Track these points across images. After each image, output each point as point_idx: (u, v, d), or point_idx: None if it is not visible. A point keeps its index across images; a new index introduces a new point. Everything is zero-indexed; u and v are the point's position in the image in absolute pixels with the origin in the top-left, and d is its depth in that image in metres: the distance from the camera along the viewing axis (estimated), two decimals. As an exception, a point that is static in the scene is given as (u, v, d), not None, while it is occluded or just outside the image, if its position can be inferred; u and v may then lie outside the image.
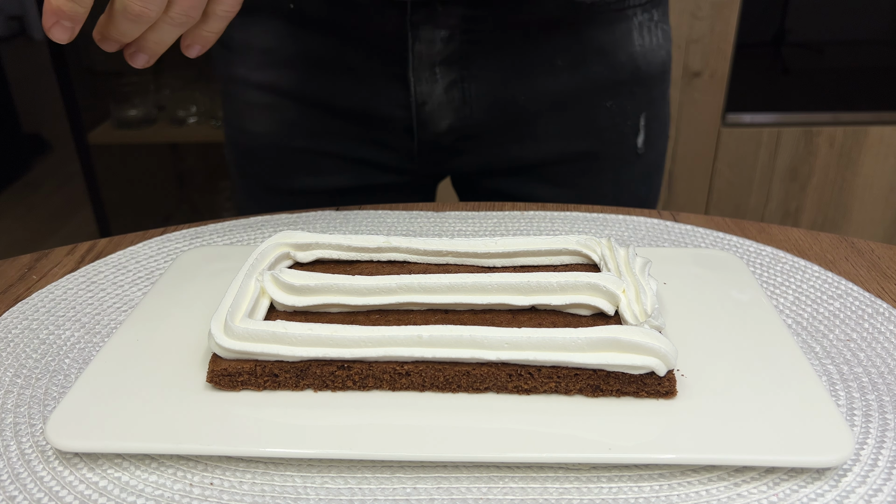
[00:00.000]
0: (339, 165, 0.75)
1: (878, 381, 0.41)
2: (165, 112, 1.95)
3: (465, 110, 0.69)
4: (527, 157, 0.73)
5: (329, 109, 0.72)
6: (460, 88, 0.68)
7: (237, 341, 0.39)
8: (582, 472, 0.35)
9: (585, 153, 0.73)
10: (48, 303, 0.50)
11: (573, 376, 0.38)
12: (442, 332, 0.38)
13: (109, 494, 0.34)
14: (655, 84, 0.73)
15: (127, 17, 0.42)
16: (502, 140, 0.72)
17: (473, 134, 0.71)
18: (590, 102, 0.71)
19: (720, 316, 0.45)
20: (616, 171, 0.75)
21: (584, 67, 0.69)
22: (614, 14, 0.68)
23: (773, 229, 0.60)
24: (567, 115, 0.71)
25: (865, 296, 0.49)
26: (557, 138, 0.72)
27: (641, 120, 0.73)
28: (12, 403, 0.40)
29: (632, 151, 0.74)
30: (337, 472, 0.36)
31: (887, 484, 0.34)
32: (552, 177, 0.74)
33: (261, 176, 0.78)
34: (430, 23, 0.65)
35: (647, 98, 0.73)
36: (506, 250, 0.47)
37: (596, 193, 0.75)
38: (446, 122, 0.70)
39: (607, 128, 0.72)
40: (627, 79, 0.71)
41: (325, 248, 0.48)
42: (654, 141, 0.76)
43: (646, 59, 0.71)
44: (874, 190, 1.76)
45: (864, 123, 1.70)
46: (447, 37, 0.66)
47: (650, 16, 0.71)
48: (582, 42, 0.68)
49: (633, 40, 0.69)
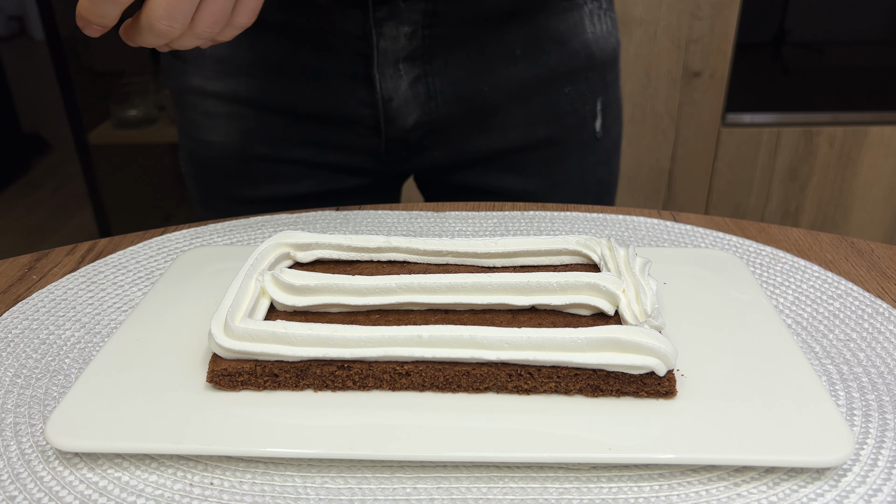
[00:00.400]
0: (303, 171, 0.75)
1: (878, 381, 0.41)
2: (165, 112, 1.95)
3: (430, 105, 0.70)
4: (492, 147, 0.74)
5: (291, 115, 0.72)
6: (425, 83, 0.69)
7: (237, 341, 0.39)
8: (582, 472, 0.35)
9: (548, 139, 0.75)
10: (48, 303, 0.50)
11: (573, 376, 0.38)
12: (442, 332, 0.38)
13: (109, 494, 0.34)
14: (608, 69, 0.76)
15: (153, 34, 0.43)
16: (468, 132, 0.73)
17: (440, 128, 0.72)
18: (550, 89, 0.73)
19: (720, 316, 0.45)
20: (578, 155, 0.77)
21: (543, 56, 0.71)
22: (566, 3, 0.71)
23: (773, 229, 0.60)
24: (529, 103, 0.72)
25: (865, 296, 0.49)
26: (521, 127, 0.73)
27: (598, 105, 0.76)
28: (12, 403, 0.40)
29: (591, 136, 0.77)
30: (337, 472, 0.36)
31: (887, 484, 0.34)
32: (517, 165, 0.76)
33: (221, 186, 0.77)
34: (393, 19, 0.66)
35: (601, 83, 0.76)
36: (506, 250, 0.47)
37: (560, 179, 0.77)
38: (413, 118, 0.71)
39: (568, 113, 0.74)
40: (582, 65, 0.73)
41: (325, 248, 0.48)
42: (610, 125, 0.78)
43: (598, 45, 0.74)
44: (874, 190, 1.76)
45: (864, 123, 1.70)
46: (410, 33, 0.66)
47: (599, 4, 0.74)
48: (538, 31, 0.70)
49: (585, 28, 0.72)
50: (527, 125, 0.73)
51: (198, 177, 0.79)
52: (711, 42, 1.61)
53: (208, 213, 0.80)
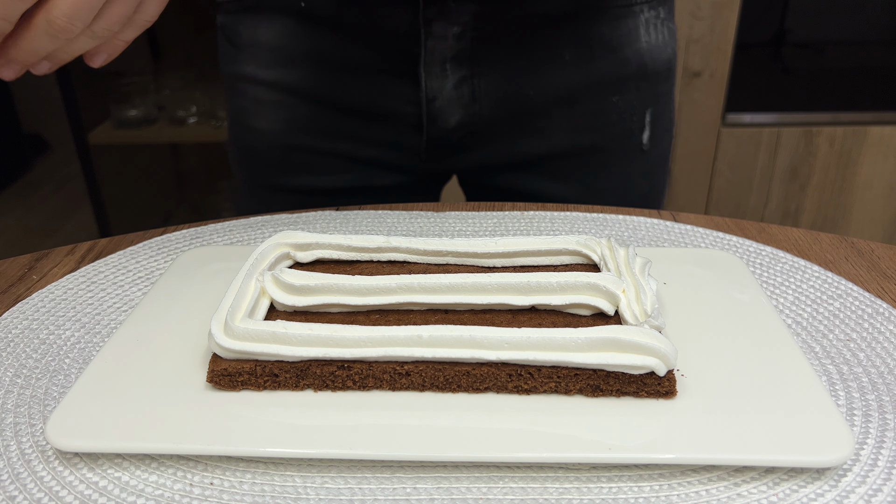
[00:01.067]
0: (344, 165, 0.75)
1: (878, 381, 0.41)
2: (165, 112, 1.95)
3: (474, 107, 0.70)
4: (533, 151, 0.73)
5: (337, 107, 0.72)
6: (470, 84, 0.69)
7: (237, 341, 0.39)
8: (582, 472, 0.35)
9: (591, 147, 0.73)
10: (48, 303, 0.50)
11: (573, 376, 0.38)
12: (442, 332, 0.38)
13: (109, 494, 0.34)
14: (661, 81, 0.74)
15: (48, 33, 0.41)
16: (510, 135, 0.72)
17: (481, 130, 0.72)
18: (597, 97, 0.71)
19: (720, 316, 0.45)
20: (621, 166, 0.76)
21: (592, 62, 0.69)
22: (621, 10, 0.69)
23: (773, 229, 0.60)
24: (575, 109, 0.71)
25: (865, 296, 0.49)
26: (565, 133, 0.72)
27: (647, 116, 0.74)
28: (12, 403, 0.40)
29: (637, 147, 0.75)
30: (337, 472, 0.36)
31: (887, 484, 0.34)
32: (558, 171, 0.75)
33: (264, 174, 0.78)
34: (442, 19, 0.65)
35: (652, 94, 0.74)
36: (506, 250, 0.47)
37: (601, 188, 0.75)
38: (455, 118, 0.70)
39: (613, 122, 0.73)
40: (633, 74, 0.71)
41: (325, 248, 0.48)
42: (658, 138, 0.76)
43: (651, 55, 0.72)
44: (874, 190, 1.76)
45: (864, 123, 1.70)
46: (459, 33, 0.66)
47: (657, 13, 0.72)
48: (590, 37, 0.69)
49: (639, 36, 0.70)
50: (571, 131, 0.72)
51: (242, 163, 0.80)
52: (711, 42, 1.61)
53: (249, 200, 0.80)
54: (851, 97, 1.76)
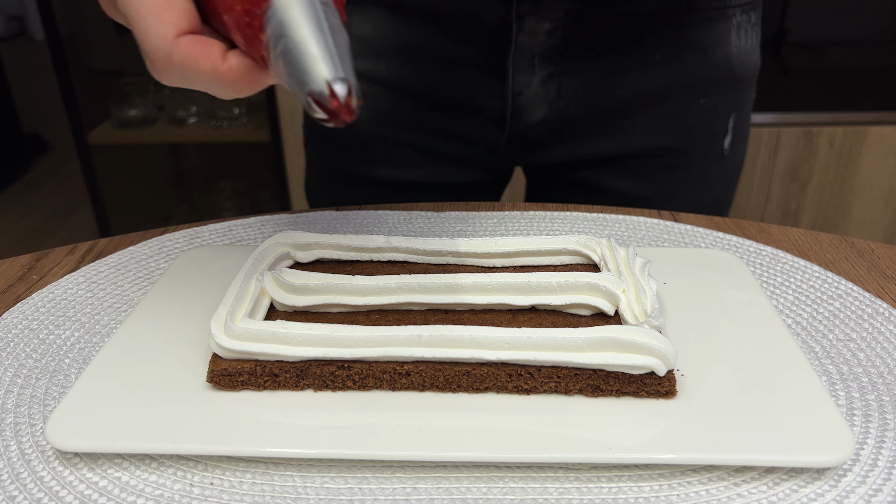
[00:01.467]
0: (421, 159, 0.75)
1: (878, 381, 0.41)
2: (165, 112, 1.95)
3: (559, 103, 0.69)
4: (614, 150, 0.73)
5: (421, 99, 0.72)
6: (557, 81, 0.68)
7: (237, 341, 0.39)
8: (582, 472, 0.35)
9: (673, 149, 0.73)
10: (48, 303, 0.50)
11: (573, 376, 0.38)
12: (442, 332, 0.38)
13: (109, 494, 0.34)
14: (745, 86, 0.74)
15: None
16: (592, 133, 0.72)
17: (564, 127, 0.71)
18: (683, 99, 0.71)
19: (720, 316, 0.45)
20: (701, 169, 0.75)
21: (682, 64, 0.69)
22: (714, 12, 0.68)
23: (773, 229, 0.60)
24: (659, 110, 0.71)
25: (865, 296, 0.49)
26: (647, 133, 0.72)
27: (730, 121, 0.74)
28: (12, 403, 0.40)
29: (718, 152, 0.74)
30: (337, 472, 0.36)
31: (887, 484, 0.34)
32: (635, 170, 0.74)
33: (338, 162, 0.78)
34: (535, 15, 0.65)
35: (737, 99, 0.73)
36: (506, 250, 0.47)
37: (677, 191, 0.75)
38: (539, 115, 0.70)
39: (697, 125, 0.72)
40: (721, 78, 0.71)
41: (325, 248, 0.48)
42: (738, 144, 0.76)
43: (740, 59, 0.71)
44: (874, 190, 1.76)
45: (864, 123, 1.70)
46: (550, 30, 0.66)
47: (748, 17, 0.71)
48: (681, 38, 0.68)
49: (730, 40, 0.70)
50: (653, 132, 0.72)
51: (317, 149, 0.79)
52: (711, 42, 1.61)
53: (318, 186, 0.81)
54: (851, 97, 1.76)
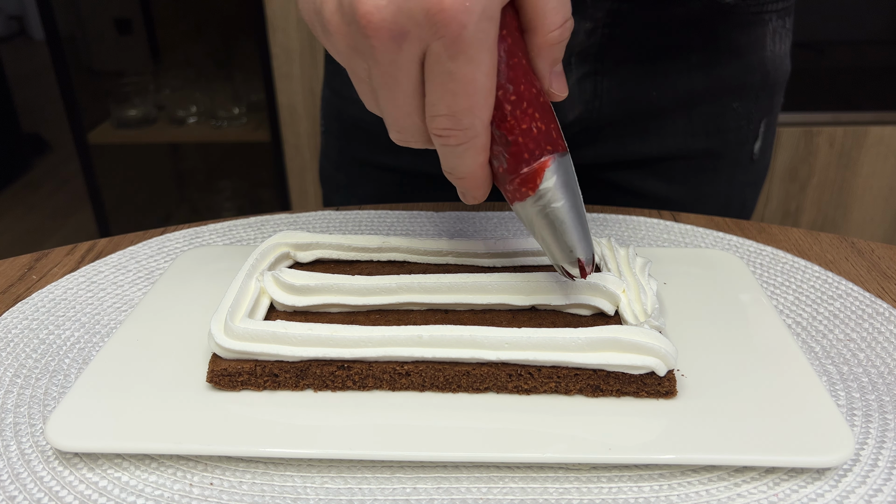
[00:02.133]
0: None
1: (879, 381, 0.41)
2: (165, 112, 1.95)
3: (594, 103, 0.69)
4: (646, 151, 0.73)
5: None
6: (593, 81, 0.68)
7: (237, 341, 0.39)
8: (582, 472, 0.35)
9: (705, 151, 0.73)
10: (48, 303, 0.50)
11: (573, 376, 0.38)
12: (442, 332, 0.38)
13: (109, 494, 0.34)
14: (777, 91, 0.74)
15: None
16: (626, 134, 0.72)
17: (598, 127, 0.71)
18: (718, 102, 0.71)
19: (720, 316, 0.45)
20: (730, 173, 0.75)
21: (718, 66, 0.69)
22: (752, 17, 0.68)
23: (773, 229, 0.60)
24: (694, 112, 0.71)
25: (866, 296, 0.49)
26: (680, 135, 0.72)
27: (762, 126, 0.74)
28: (12, 403, 0.40)
29: (748, 156, 0.75)
30: (337, 472, 0.36)
31: (887, 484, 0.34)
32: (666, 172, 0.74)
33: (362, 150, 0.77)
34: (576, 14, 0.64)
35: (768, 104, 0.74)
36: (506, 250, 0.47)
37: (706, 194, 0.75)
38: (574, 114, 0.70)
39: (730, 129, 0.72)
40: (756, 83, 0.71)
41: (325, 248, 0.48)
42: (766, 149, 0.76)
43: (774, 64, 0.72)
44: (874, 190, 1.76)
45: (864, 123, 1.70)
46: (590, 29, 0.65)
47: (783, 23, 0.71)
48: (718, 41, 0.68)
49: (765, 45, 0.70)
50: (687, 134, 0.72)
51: (340, 136, 0.79)
52: (711, 42, 1.61)
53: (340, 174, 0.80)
54: (851, 97, 1.76)
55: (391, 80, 0.33)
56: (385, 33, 0.31)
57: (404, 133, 0.36)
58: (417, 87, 0.34)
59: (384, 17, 0.31)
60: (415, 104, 0.34)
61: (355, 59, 0.34)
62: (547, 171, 0.35)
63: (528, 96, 0.34)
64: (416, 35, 0.31)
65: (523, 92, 0.34)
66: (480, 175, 0.36)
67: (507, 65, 0.33)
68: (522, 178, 0.35)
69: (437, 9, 0.30)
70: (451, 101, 0.33)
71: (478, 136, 0.34)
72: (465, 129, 0.34)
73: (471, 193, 0.37)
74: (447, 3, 0.30)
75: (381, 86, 0.34)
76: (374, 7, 0.31)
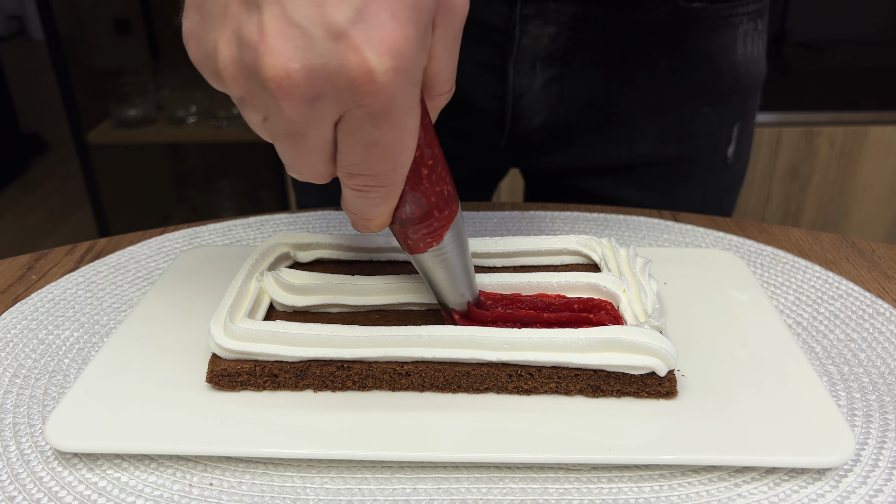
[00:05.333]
0: None
1: (879, 381, 0.41)
2: (165, 112, 1.95)
3: (560, 108, 0.69)
4: (616, 158, 0.72)
5: None
6: (559, 85, 0.68)
7: (237, 341, 0.39)
8: (582, 472, 0.35)
9: (676, 157, 0.73)
10: (47, 303, 0.50)
11: (573, 377, 0.38)
12: (442, 332, 0.38)
13: (109, 495, 0.34)
14: (751, 94, 0.74)
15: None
16: (594, 140, 0.71)
17: (565, 132, 0.71)
18: (688, 107, 0.70)
19: (720, 316, 0.45)
20: (704, 178, 0.75)
21: (687, 72, 0.68)
22: (721, 21, 0.68)
23: (774, 229, 0.60)
24: (663, 118, 0.70)
25: (866, 296, 0.49)
26: (650, 141, 0.71)
27: (735, 130, 0.73)
28: (11, 403, 0.40)
29: (722, 160, 0.74)
30: (337, 472, 0.36)
31: (888, 484, 0.34)
32: (639, 179, 0.74)
33: None
34: (540, 18, 0.65)
35: (741, 108, 0.73)
36: (506, 250, 0.47)
37: (680, 200, 0.74)
38: (540, 118, 0.70)
39: (702, 134, 0.72)
40: (727, 87, 0.71)
41: (325, 248, 0.48)
42: (742, 152, 0.76)
43: (746, 68, 0.71)
44: (874, 190, 1.76)
45: (865, 123, 1.70)
46: (554, 34, 0.65)
47: (755, 25, 0.70)
48: (686, 46, 0.68)
49: (736, 49, 0.69)
50: (657, 140, 0.71)
51: None
52: (711, 42, 1.60)
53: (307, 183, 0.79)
54: (851, 97, 1.75)
55: (297, 135, 0.30)
56: (297, 98, 0.28)
57: (304, 177, 0.33)
58: (328, 144, 0.31)
59: (296, 83, 0.28)
60: (322, 157, 0.32)
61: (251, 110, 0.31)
62: (450, 227, 0.36)
63: (440, 158, 0.35)
64: (334, 99, 0.29)
65: (437, 155, 0.34)
66: (388, 217, 0.35)
67: (423, 125, 0.33)
68: (427, 232, 0.36)
69: (366, 80, 0.27)
70: (374, 164, 0.31)
71: (396, 189, 0.33)
72: (387, 186, 0.33)
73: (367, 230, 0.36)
74: (379, 76, 0.27)
75: (283, 138, 0.31)
76: (283, 71, 0.27)
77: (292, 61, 0.27)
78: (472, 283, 0.40)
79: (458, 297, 0.40)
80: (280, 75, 0.27)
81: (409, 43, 0.28)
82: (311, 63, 0.27)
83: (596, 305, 0.41)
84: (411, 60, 0.28)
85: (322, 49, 0.27)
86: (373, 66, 0.27)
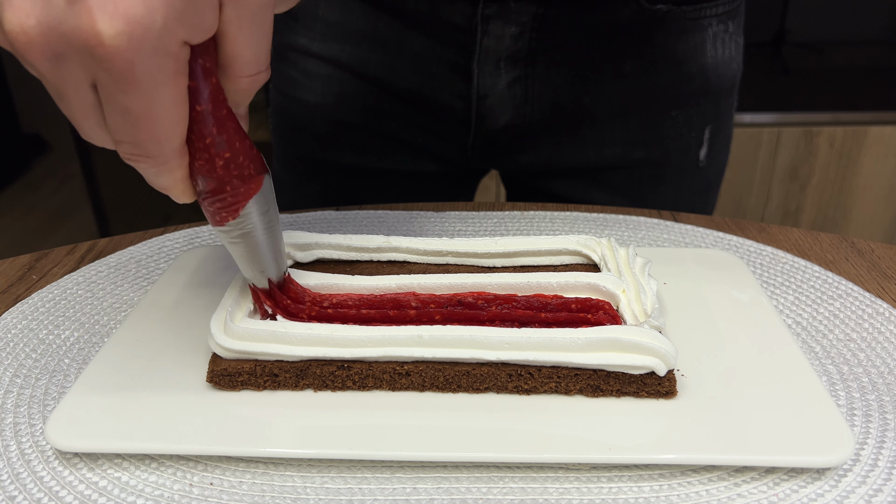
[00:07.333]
0: (388, 146, 0.74)
1: (879, 381, 0.41)
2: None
3: (525, 108, 0.69)
4: (584, 160, 0.72)
5: (387, 89, 0.71)
6: (523, 85, 0.68)
7: (237, 341, 0.39)
8: (582, 472, 0.35)
9: (645, 161, 0.72)
10: (48, 303, 0.50)
11: (573, 376, 0.38)
12: (442, 332, 0.38)
13: (109, 494, 0.34)
14: (723, 97, 0.73)
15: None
16: (560, 141, 0.71)
17: (531, 133, 0.71)
18: (655, 111, 0.70)
19: (720, 316, 0.45)
20: (675, 181, 0.74)
21: (654, 75, 0.68)
22: (689, 23, 0.67)
23: (774, 229, 0.60)
24: (631, 121, 0.70)
25: (866, 296, 0.49)
26: (618, 144, 0.71)
27: (706, 133, 0.72)
28: (12, 403, 0.40)
29: (693, 164, 0.74)
30: (337, 472, 0.36)
31: (887, 484, 0.34)
32: (608, 182, 0.73)
33: (306, 146, 0.77)
34: (501, 18, 0.64)
35: (713, 111, 0.72)
36: (506, 250, 0.47)
37: (652, 203, 0.74)
38: (505, 118, 0.70)
39: (671, 138, 0.71)
40: (696, 90, 0.70)
41: (325, 248, 0.48)
42: (715, 155, 0.75)
43: (717, 71, 0.70)
44: (874, 190, 1.76)
45: (864, 123, 1.70)
46: (517, 34, 0.65)
47: (725, 27, 0.70)
48: (654, 49, 0.67)
49: (705, 51, 0.69)
50: (624, 143, 0.71)
51: (285, 134, 0.79)
52: (711, 42, 1.61)
53: (287, 172, 0.80)
54: (851, 97, 1.76)
55: (59, 94, 0.31)
56: (38, 55, 0.29)
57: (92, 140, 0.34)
58: (93, 105, 0.31)
59: (32, 39, 0.28)
60: (93, 119, 0.32)
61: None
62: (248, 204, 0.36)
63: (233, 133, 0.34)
64: (77, 60, 0.29)
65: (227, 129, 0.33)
66: (182, 187, 0.35)
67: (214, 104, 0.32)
68: (221, 206, 0.35)
69: (95, 42, 0.28)
70: (131, 131, 0.31)
71: (168, 161, 0.33)
72: (154, 157, 0.32)
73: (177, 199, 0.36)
74: (106, 39, 0.27)
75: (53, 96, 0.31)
76: (19, 26, 0.28)
77: (29, 17, 0.28)
78: (279, 262, 0.40)
79: (258, 273, 0.39)
80: (16, 30, 0.28)
81: (147, 11, 0.28)
82: (48, 21, 0.28)
83: (594, 305, 0.41)
84: (150, 29, 0.28)
85: (58, 9, 0.28)
86: (100, 29, 0.27)
